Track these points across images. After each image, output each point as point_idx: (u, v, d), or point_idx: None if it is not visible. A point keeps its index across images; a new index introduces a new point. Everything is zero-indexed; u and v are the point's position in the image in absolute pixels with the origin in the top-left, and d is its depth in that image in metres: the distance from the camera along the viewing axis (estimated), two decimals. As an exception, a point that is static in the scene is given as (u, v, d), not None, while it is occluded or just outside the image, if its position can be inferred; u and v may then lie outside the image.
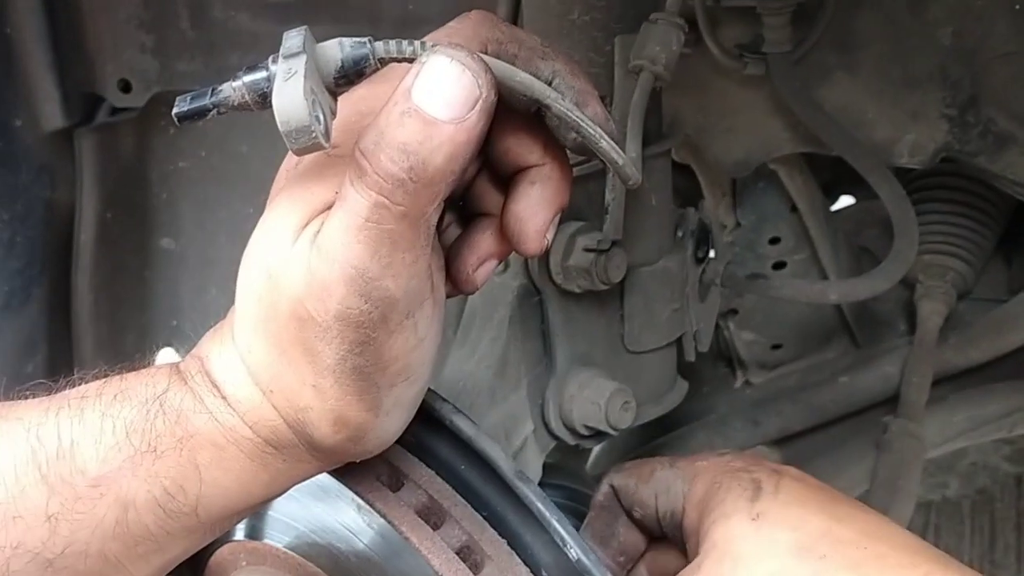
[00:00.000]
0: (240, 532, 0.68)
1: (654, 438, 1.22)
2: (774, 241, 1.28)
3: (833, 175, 1.39)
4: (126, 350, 1.51)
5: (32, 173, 1.31)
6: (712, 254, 1.30)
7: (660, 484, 0.68)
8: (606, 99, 0.81)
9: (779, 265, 1.29)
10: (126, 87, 1.33)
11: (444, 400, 0.62)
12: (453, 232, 0.64)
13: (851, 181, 1.36)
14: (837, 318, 1.32)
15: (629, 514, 0.71)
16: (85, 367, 1.46)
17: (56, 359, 1.39)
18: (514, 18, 0.87)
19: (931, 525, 2.23)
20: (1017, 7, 0.96)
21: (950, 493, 2.32)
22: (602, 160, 0.58)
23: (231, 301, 1.55)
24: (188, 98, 0.53)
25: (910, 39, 1.00)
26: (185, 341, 1.55)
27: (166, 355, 1.58)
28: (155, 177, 1.44)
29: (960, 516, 2.26)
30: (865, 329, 1.32)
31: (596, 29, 0.80)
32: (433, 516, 0.59)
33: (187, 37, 1.27)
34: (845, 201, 1.60)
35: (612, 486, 0.72)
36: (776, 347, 1.35)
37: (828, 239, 1.24)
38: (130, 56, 1.30)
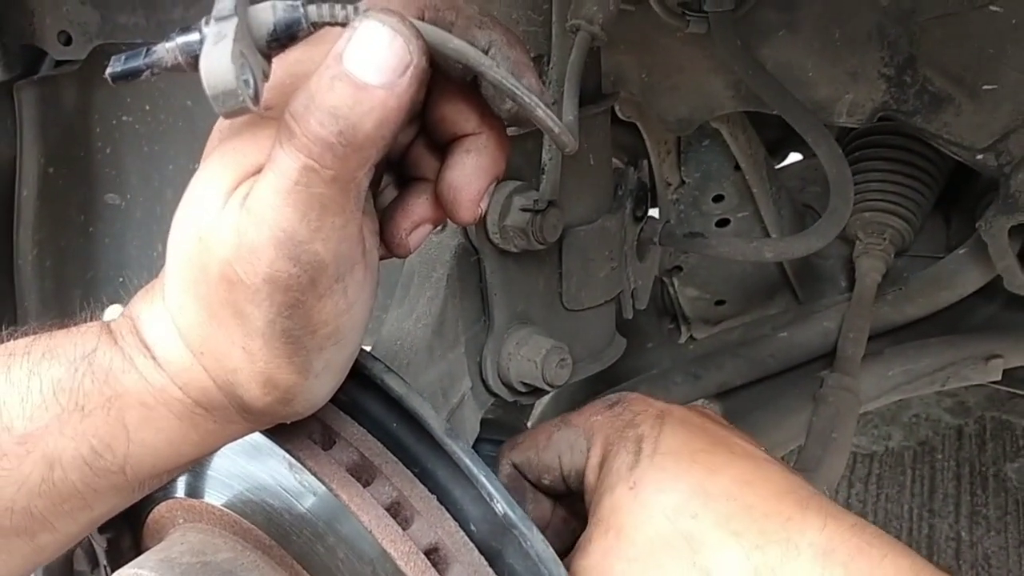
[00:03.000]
0: (179, 490, 0.69)
1: (598, 393, 1.24)
2: (718, 199, 1.29)
3: (781, 132, 1.41)
4: (72, 306, 1.50)
5: (-30, 127, 1.29)
6: (655, 211, 1.31)
7: (561, 445, 0.69)
8: (543, 58, 0.82)
9: (723, 222, 1.31)
10: (67, 40, 1.30)
11: (376, 359, 0.63)
12: (390, 194, 0.64)
13: (799, 139, 1.38)
14: (780, 275, 1.35)
15: (536, 485, 0.72)
16: (30, 323, 1.44)
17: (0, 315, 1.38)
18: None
19: (873, 475, 2.30)
20: (953, -32, 0.97)
21: (893, 444, 2.38)
22: (539, 127, 0.58)
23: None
24: (122, 58, 0.52)
25: (849, -1, 1.01)
26: (132, 297, 1.54)
27: (113, 311, 1.57)
28: (99, 131, 1.42)
29: (902, 466, 2.32)
30: (807, 285, 1.35)
31: (534, -13, 0.80)
32: (364, 473, 0.60)
33: (128, -11, 1.25)
34: (794, 158, 1.62)
35: (513, 464, 0.73)
36: (720, 303, 1.37)
37: (770, 197, 1.26)
38: (70, 8, 1.28)
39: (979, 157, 1.04)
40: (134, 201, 1.47)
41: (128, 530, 0.75)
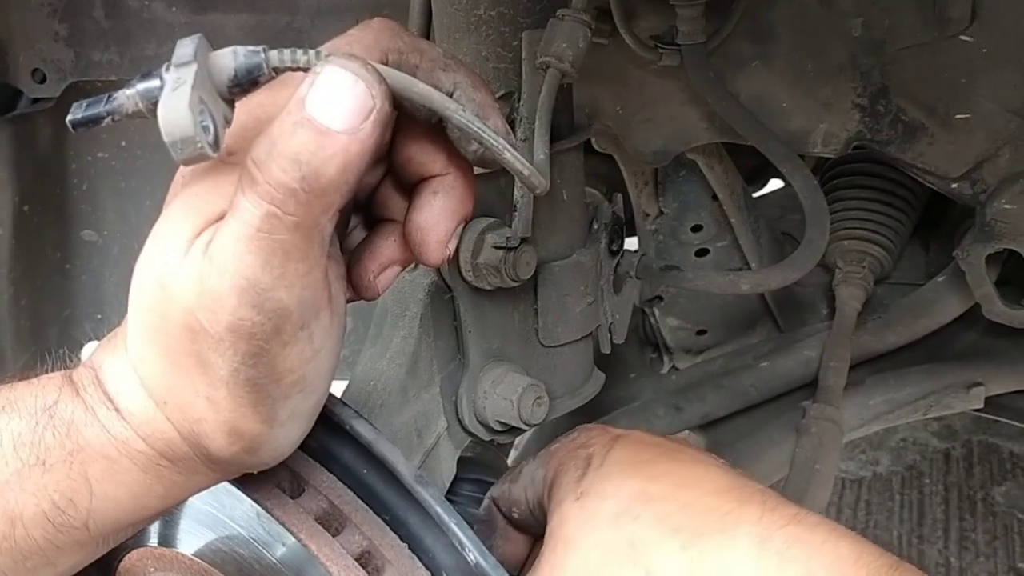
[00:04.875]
0: (151, 538, 0.68)
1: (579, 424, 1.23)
2: (696, 229, 1.29)
3: (760, 160, 1.41)
4: (49, 344, 1.48)
5: (-57, 167, 1.28)
6: (635, 242, 1.31)
7: (526, 478, 0.69)
8: (513, 95, 0.81)
9: (702, 252, 1.31)
10: (42, 78, 1.30)
11: (345, 404, 0.62)
12: (358, 235, 0.63)
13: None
14: (761, 303, 1.35)
15: (510, 519, 0.72)
16: (6, 363, 1.42)
17: (-26, 357, 1.37)
18: (428, 17, 0.87)
19: (862, 501, 2.29)
20: (923, -2, 0.97)
21: (881, 469, 2.37)
22: (507, 169, 0.58)
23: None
24: (83, 104, 0.52)
25: (822, 30, 1.02)
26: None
27: (91, 349, 1.55)
28: (74, 167, 1.42)
29: (890, 492, 2.31)
30: (788, 314, 1.35)
31: (503, 24, 0.79)
32: (334, 522, 0.59)
33: (101, 26, 1.25)
34: (775, 185, 1.63)
35: (492, 498, 0.73)
36: (701, 333, 1.37)
37: (749, 226, 1.26)
38: (44, 46, 1.28)
39: (954, 186, 1.04)
40: (111, 237, 1.46)
41: (97, 579, 0.73)
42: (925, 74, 1.00)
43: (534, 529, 0.71)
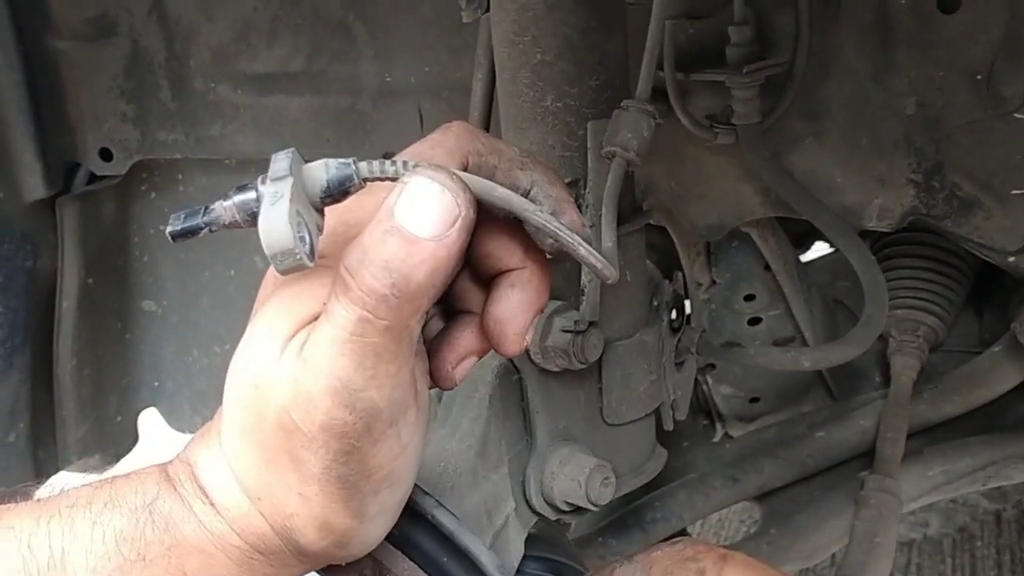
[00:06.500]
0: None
1: (635, 498, 1.24)
2: (749, 298, 1.30)
3: (808, 225, 1.42)
4: (108, 412, 1.51)
5: (14, 243, 1.32)
6: (688, 309, 1.32)
7: None
8: (580, 182, 0.83)
9: (754, 321, 1.32)
10: (107, 156, 1.34)
11: (427, 494, 0.63)
12: (435, 325, 0.65)
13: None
14: (815, 372, 1.35)
15: None
16: (67, 431, 1.45)
17: (39, 426, 1.39)
18: (489, 102, 0.89)
19: (912, 564, 2.25)
20: (978, 77, 0.98)
21: (931, 532, 2.34)
22: (581, 263, 0.60)
23: (212, 362, 1.53)
24: (182, 216, 0.54)
25: (875, 108, 1.03)
26: (167, 402, 1.56)
27: (148, 416, 1.58)
28: (136, 241, 1.46)
29: (941, 555, 2.28)
30: (841, 382, 1.35)
31: (569, 115, 0.82)
32: (416, 610, 0.60)
33: (167, 107, 1.29)
34: (820, 248, 1.63)
35: None
36: (754, 400, 1.37)
37: (801, 296, 1.27)
38: (111, 126, 1.32)
39: (1011, 259, 1.04)
40: (170, 307, 1.50)
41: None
42: (980, 150, 1.01)
43: None
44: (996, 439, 1.20)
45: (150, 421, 1.59)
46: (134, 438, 1.55)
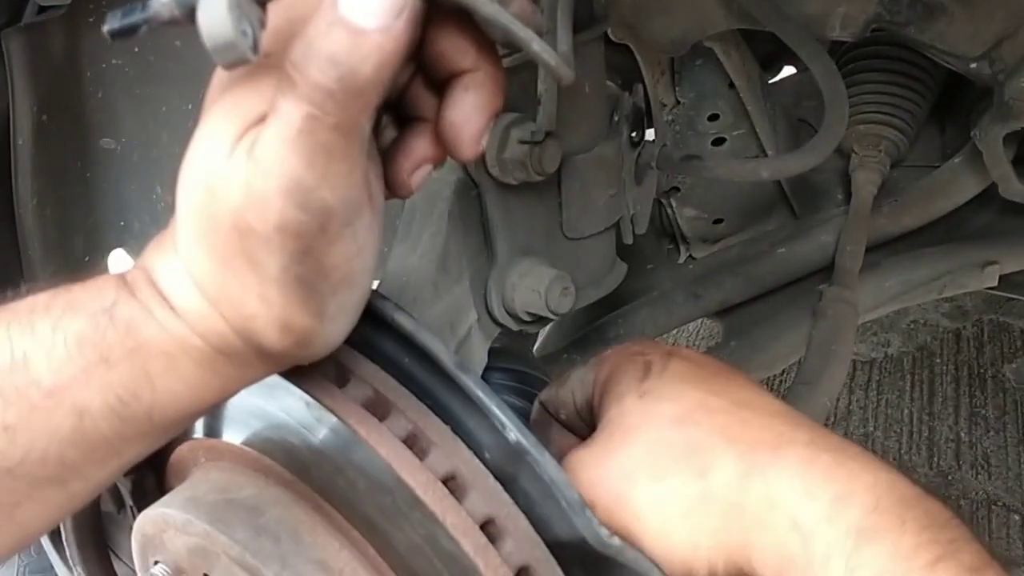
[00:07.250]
0: (199, 431, 0.71)
1: (599, 316, 1.26)
2: (713, 118, 1.29)
3: (774, 47, 1.40)
4: (75, 252, 1.51)
5: (-39, 77, 1.28)
6: (651, 133, 1.32)
7: (575, 381, 0.72)
8: (535, -12, 0.81)
9: (719, 141, 1.31)
10: (52, -15, 1.29)
11: (385, 299, 0.64)
12: (389, 135, 0.64)
13: (792, 52, 1.37)
14: (776, 191, 1.36)
15: (558, 419, 0.75)
16: (35, 272, 1.45)
17: (5, 266, 1.39)
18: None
19: (873, 382, 2.33)
20: None
21: (892, 351, 2.41)
22: (534, 60, 0.59)
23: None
24: (119, 14, 0.52)
25: (839, -90, 1.00)
26: (134, 241, 1.55)
27: (117, 256, 1.58)
28: (89, 76, 1.41)
29: (901, 372, 2.36)
30: (803, 200, 1.36)
31: (522, -85, 0.79)
32: (379, 408, 0.62)
33: (110, -70, 1.23)
34: (787, 71, 1.62)
35: (541, 402, 0.76)
36: (717, 222, 1.39)
37: (765, 114, 1.26)
38: (53, -48, 1.26)
39: (973, 66, 1.04)
40: (130, 145, 1.47)
41: (151, 471, 0.77)
42: (944, -47, 0.99)
43: (579, 430, 0.74)
44: (952, 248, 1.22)
45: (119, 262, 1.58)
46: (104, 278, 1.55)
